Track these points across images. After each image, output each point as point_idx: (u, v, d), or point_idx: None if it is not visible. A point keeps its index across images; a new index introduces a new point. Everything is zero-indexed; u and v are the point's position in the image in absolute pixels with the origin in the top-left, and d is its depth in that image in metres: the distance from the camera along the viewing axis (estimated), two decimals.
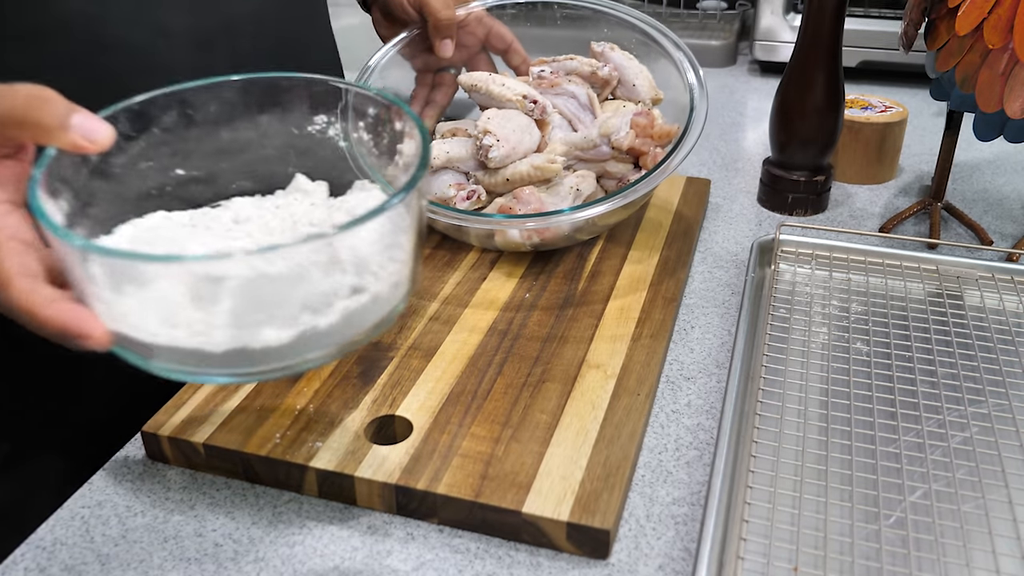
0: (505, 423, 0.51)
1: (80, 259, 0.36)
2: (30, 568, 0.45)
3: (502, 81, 0.70)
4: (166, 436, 0.50)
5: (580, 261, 0.68)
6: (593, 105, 0.71)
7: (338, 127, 0.48)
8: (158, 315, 0.36)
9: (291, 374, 0.42)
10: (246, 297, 0.36)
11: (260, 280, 0.36)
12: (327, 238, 0.36)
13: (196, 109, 0.45)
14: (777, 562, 0.43)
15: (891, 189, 0.87)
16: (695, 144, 0.65)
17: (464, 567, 0.45)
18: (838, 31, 0.74)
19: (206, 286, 0.36)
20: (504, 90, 0.69)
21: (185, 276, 0.36)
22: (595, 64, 0.73)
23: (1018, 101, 0.65)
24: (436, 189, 0.67)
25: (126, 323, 0.37)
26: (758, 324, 0.61)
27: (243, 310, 0.36)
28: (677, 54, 0.70)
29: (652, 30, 0.73)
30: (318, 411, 0.52)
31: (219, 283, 0.36)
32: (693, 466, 0.51)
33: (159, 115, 0.44)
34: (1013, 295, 0.65)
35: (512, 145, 0.65)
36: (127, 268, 0.36)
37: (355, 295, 0.38)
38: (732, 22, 1.37)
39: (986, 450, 0.50)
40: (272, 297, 0.36)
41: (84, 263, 0.36)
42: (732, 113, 1.10)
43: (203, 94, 0.45)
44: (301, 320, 0.37)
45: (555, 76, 0.72)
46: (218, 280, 0.36)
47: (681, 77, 0.70)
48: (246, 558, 0.45)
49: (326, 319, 0.37)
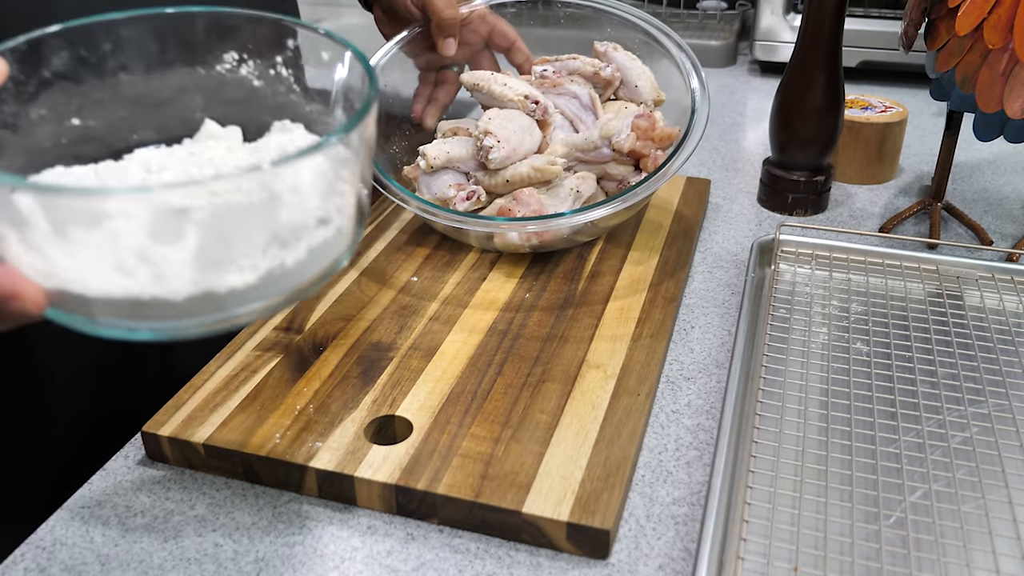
0: (505, 423, 0.51)
1: (5, 203, 0.30)
2: (30, 568, 0.45)
3: (504, 81, 0.70)
4: (166, 436, 0.50)
5: (580, 261, 0.68)
6: (595, 106, 0.71)
7: (251, 65, 0.43)
8: (110, 261, 0.32)
9: (237, 326, 0.37)
10: (215, 231, 0.32)
11: (232, 211, 0.32)
12: (298, 161, 0.33)
13: (91, 50, 0.40)
14: (777, 562, 0.43)
15: (891, 189, 0.87)
16: (696, 147, 0.65)
17: (464, 567, 0.45)
18: (838, 31, 0.74)
19: (171, 220, 0.31)
20: (506, 90, 0.69)
21: (149, 209, 0.31)
22: (598, 64, 0.73)
23: (1018, 101, 0.65)
24: (436, 189, 0.67)
25: (68, 276, 0.32)
26: (758, 324, 0.61)
27: (210, 247, 0.32)
28: (680, 56, 0.70)
29: (655, 31, 0.73)
30: (318, 411, 0.52)
31: (185, 215, 0.31)
32: (693, 466, 0.51)
33: (49, 56, 0.39)
34: (1013, 295, 0.65)
35: (513, 146, 0.66)
36: (75, 206, 0.31)
37: (321, 227, 0.36)
38: (732, 22, 1.37)
39: (986, 450, 0.50)
40: (243, 229, 0.33)
41: (10, 208, 0.31)
42: (732, 113, 1.10)
43: (100, 32, 0.40)
44: (269, 255, 0.34)
45: (557, 76, 0.72)
46: (185, 212, 0.31)
47: (683, 79, 0.70)
48: (246, 558, 0.45)
49: (293, 254, 0.35)
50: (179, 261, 0.32)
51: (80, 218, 0.31)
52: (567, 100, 0.71)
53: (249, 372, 0.55)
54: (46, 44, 0.39)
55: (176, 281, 0.32)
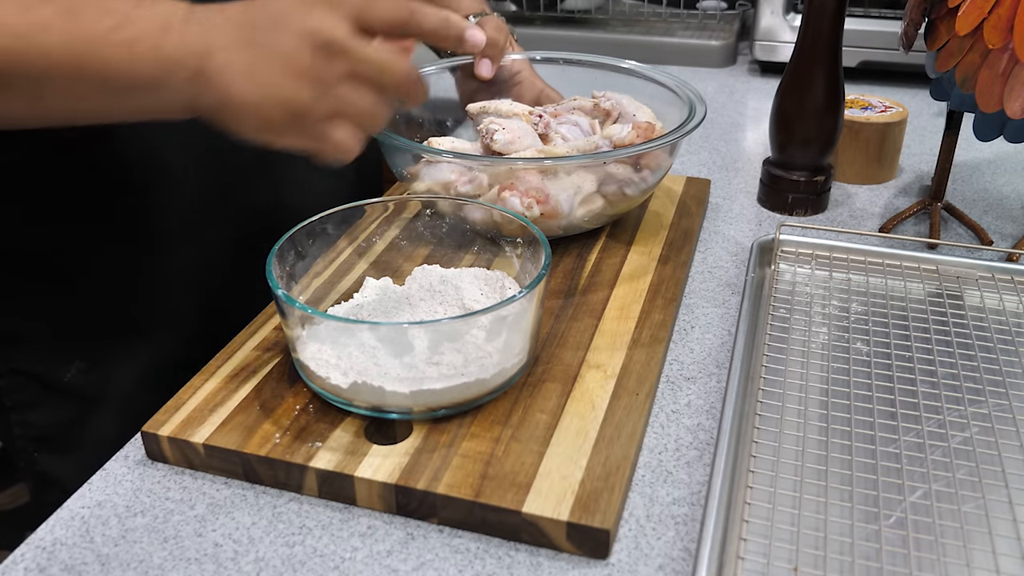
0: (505, 423, 0.51)
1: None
2: (30, 568, 0.45)
3: (509, 102, 0.75)
4: (165, 436, 0.50)
5: (580, 261, 0.68)
6: (595, 133, 0.74)
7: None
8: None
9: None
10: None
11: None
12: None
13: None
14: (777, 562, 0.43)
15: (891, 189, 0.87)
16: (702, 120, 0.69)
17: (464, 567, 0.45)
18: (838, 31, 0.74)
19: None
20: (512, 107, 0.73)
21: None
22: (597, 95, 0.76)
23: (1018, 101, 0.65)
24: (438, 175, 0.68)
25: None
26: (758, 324, 0.61)
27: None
28: (684, 92, 0.74)
29: (667, 80, 0.77)
30: (318, 411, 0.52)
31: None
32: (693, 466, 0.51)
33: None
34: (1013, 295, 0.65)
35: (517, 135, 0.68)
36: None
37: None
38: (732, 22, 1.37)
39: (986, 450, 0.50)
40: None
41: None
42: (732, 113, 1.10)
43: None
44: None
45: (558, 107, 0.76)
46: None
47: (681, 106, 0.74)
48: (246, 558, 0.45)
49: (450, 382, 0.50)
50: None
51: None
52: (568, 127, 0.73)
53: (249, 372, 0.55)
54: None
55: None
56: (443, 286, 0.59)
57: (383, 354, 0.50)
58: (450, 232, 0.67)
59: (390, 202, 0.65)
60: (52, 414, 0.67)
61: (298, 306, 0.50)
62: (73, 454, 0.67)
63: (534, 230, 0.58)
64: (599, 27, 1.35)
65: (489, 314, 0.49)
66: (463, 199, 0.65)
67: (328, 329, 0.52)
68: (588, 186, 0.67)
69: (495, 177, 0.66)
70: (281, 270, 0.55)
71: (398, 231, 0.67)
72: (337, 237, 0.62)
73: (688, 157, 0.96)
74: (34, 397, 0.66)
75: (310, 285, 0.60)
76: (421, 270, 0.62)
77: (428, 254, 0.66)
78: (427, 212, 0.66)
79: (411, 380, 0.49)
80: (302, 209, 0.61)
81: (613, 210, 0.70)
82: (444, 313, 0.57)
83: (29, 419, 0.67)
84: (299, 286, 0.58)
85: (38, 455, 0.68)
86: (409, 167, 0.70)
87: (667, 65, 1.25)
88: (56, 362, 0.65)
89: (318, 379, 0.51)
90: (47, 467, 0.68)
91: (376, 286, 0.62)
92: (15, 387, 0.66)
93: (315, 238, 0.59)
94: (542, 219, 0.66)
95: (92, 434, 0.67)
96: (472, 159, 0.66)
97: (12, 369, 0.65)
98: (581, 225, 0.69)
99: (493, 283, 0.59)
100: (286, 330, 0.53)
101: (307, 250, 0.59)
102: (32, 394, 0.66)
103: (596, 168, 0.67)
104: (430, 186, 0.69)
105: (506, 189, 0.65)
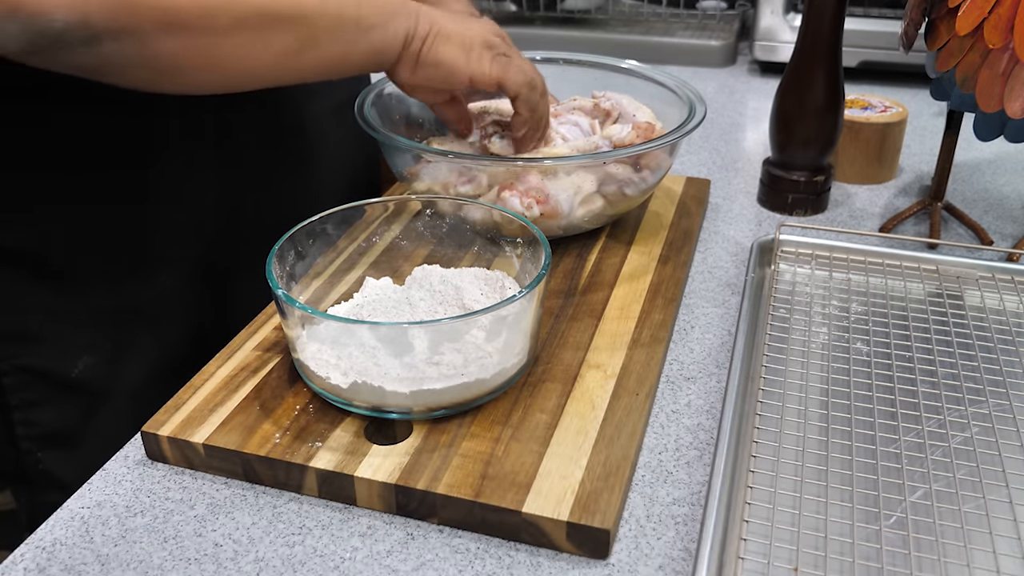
0: (505, 423, 0.51)
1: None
2: (30, 568, 0.45)
3: (509, 102, 0.73)
4: (165, 436, 0.50)
5: (580, 261, 0.68)
6: (596, 133, 0.73)
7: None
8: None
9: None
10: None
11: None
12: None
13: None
14: (777, 562, 0.43)
15: (891, 189, 0.87)
16: (702, 120, 0.69)
17: (464, 567, 0.45)
18: (838, 31, 0.74)
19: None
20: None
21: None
22: (597, 95, 0.76)
23: (1018, 101, 0.65)
24: (438, 175, 0.68)
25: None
26: (758, 324, 0.61)
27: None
28: (684, 93, 0.74)
29: (667, 80, 0.77)
30: (318, 411, 0.52)
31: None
32: (693, 466, 0.51)
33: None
34: (1013, 295, 0.65)
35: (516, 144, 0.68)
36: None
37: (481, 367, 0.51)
38: (732, 22, 1.37)
39: (986, 450, 0.50)
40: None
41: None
42: (732, 113, 1.10)
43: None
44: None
45: (558, 107, 0.76)
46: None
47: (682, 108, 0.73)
48: (246, 558, 0.45)
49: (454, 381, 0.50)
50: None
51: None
52: (568, 127, 0.73)
53: (249, 372, 0.55)
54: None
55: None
56: (443, 286, 0.59)
57: (383, 354, 0.50)
58: (450, 232, 0.67)
59: (390, 202, 0.65)
60: (58, 411, 0.67)
61: (298, 306, 0.50)
62: (78, 451, 0.67)
63: (534, 230, 0.57)
64: (599, 27, 1.35)
65: (489, 314, 0.49)
66: (463, 199, 0.65)
67: (328, 329, 0.52)
68: (588, 186, 0.67)
69: (495, 177, 0.67)
70: (281, 270, 0.55)
71: (398, 231, 0.67)
72: (337, 237, 0.62)
73: (688, 157, 0.96)
74: (40, 395, 0.66)
75: (310, 285, 0.60)
76: (421, 270, 0.62)
77: (428, 254, 0.66)
78: (427, 212, 0.66)
79: (411, 380, 0.49)
80: (302, 209, 0.61)
81: (613, 210, 0.70)
82: (444, 313, 0.57)
83: (33, 418, 0.67)
84: (299, 286, 0.58)
85: (42, 454, 0.68)
86: (409, 167, 0.70)
87: (667, 65, 1.25)
88: (64, 357, 0.66)
89: (318, 379, 0.51)
90: (51, 466, 0.68)
91: (376, 286, 0.62)
92: (20, 385, 0.66)
93: (315, 238, 0.59)
94: (542, 219, 0.66)
95: (99, 431, 0.67)
96: (472, 159, 0.66)
97: (16, 367, 0.65)
98: (581, 225, 0.69)
99: (493, 283, 0.59)
100: (286, 330, 0.53)
101: (307, 250, 0.59)
102: (38, 392, 0.66)
103: (596, 168, 0.67)
104: (430, 186, 0.69)
105: (506, 189, 0.65)
